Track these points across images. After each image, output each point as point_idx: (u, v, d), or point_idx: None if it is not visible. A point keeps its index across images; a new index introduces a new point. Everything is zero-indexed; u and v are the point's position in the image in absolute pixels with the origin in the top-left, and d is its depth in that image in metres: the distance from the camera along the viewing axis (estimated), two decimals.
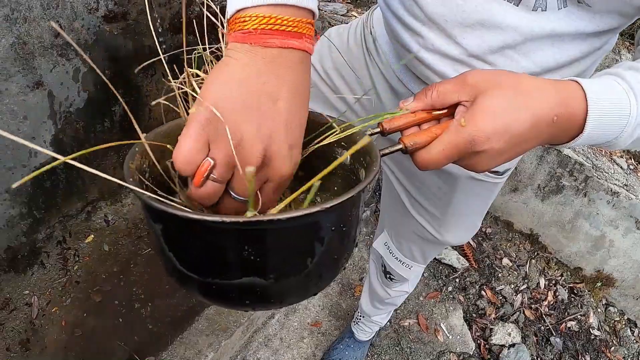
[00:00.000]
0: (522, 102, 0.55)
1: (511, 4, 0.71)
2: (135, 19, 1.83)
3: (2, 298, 1.74)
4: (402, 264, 1.37)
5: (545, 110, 0.55)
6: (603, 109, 0.57)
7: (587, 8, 0.70)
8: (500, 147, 0.55)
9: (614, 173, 2.23)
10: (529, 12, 0.71)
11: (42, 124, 1.68)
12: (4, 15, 1.42)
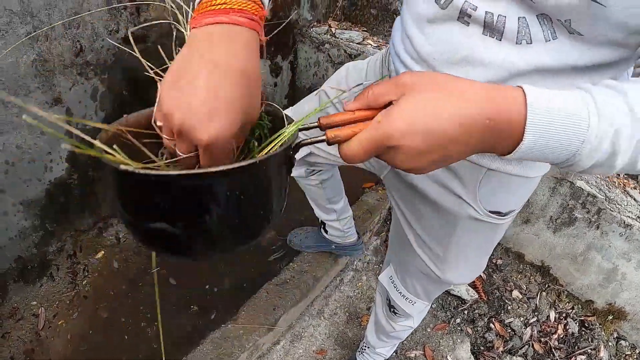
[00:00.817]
0: (448, 102, 0.52)
1: (494, 39, 0.69)
2: (154, 42, 1.84)
3: (10, 307, 1.71)
4: (406, 299, 1.33)
5: (474, 111, 0.52)
6: (549, 118, 0.52)
7: (580, 38, 0.65)
8: (418, 145, 0.53)
9: (627, 205, 2.14)
10: (513, 46, 0.69)
11: (59, 140, 1.68)
12: (26, 32, 1.43)
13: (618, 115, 0.53)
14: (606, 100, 0.54)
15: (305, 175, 1.50)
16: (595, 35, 0.64)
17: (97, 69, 1.70)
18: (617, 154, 0.54)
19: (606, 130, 0.53)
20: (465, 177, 0.92)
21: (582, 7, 0.60)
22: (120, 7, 1.66)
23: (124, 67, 1.78)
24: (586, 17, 0.61)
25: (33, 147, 1.61)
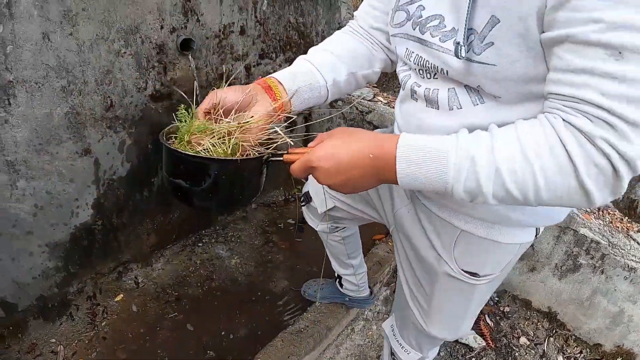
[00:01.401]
0: (349, 142, 0.79)
1: (434, 109, 0.86)
2: (178, 99, 1.92)
3: (29, 342, 1.71)
4: (402, 347, 1.39)
5: (363, 148, 0.77)
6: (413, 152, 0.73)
7: (500, 100, 0.77)
8: (329, 167, 0.79)
9: (630, 249, 2.12)
10: (447, 112, 0.84)
11: (87, 187, 1.74)
12: (61, 86, 1.52)
13: (475, 147, 0.69)
14: (467, 137, 0.71)
15: (329, 231, 1.55)
16: (510, 94, 0.76)
17: (125, 123, 1.77)
18: (480, 182, 0.69)
19: (462, 159, 0.69)
20: (443, 235, 1.01)
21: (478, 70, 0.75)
22: (149, 67, 1.75)
23: (150, 122, 1.85)
24: (489, 80, 0.75)
25: (62, 193, 1.66)
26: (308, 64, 1.05)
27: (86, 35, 1.50)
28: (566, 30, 0.62)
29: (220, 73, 2.02)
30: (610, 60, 0.59)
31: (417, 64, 0.87)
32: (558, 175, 0.65)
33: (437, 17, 0.80)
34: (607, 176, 0.63)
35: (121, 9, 1.55)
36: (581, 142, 0.63)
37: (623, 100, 0.59)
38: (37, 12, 1.35)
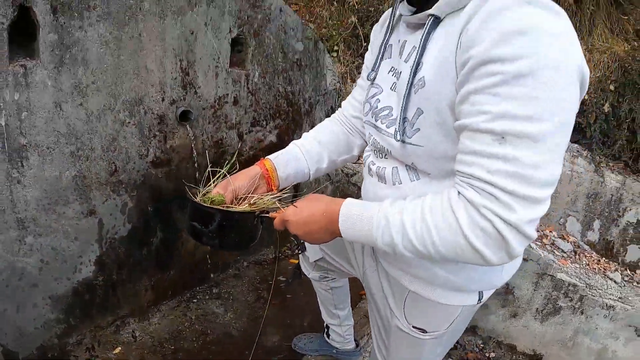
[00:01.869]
0: (311, 205, 1.02)
1: (382, 184, 1.06)
2: (177, 165, 2.04)
3: None
4: None
5: (320, 208, 1.00)
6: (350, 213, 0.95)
7: (430, 176, 0.95)
8: (296, 221, 1.02)
9: (607, 288, 2.16)
10: (392, 186, 1.03)
11: (90, 245, 1.81)
12: (70, 152, 1.64)
13: (390, 211, 0.89)
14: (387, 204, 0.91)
15: (318, 279, 1.67)
16: (437, 170, 0.94)
17: (128, 187, 1.88)
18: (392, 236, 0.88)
19: (381, 219, 0.90)
20: (396, 294, 1.16)
21: (409, 150, 0.94)
22: (150, 135, 1.89)
23: (150, 186, 1.96)
24: (420, 159, 0.94)
25: (66, 250, 1.74)
26: (299, 151, 1.30)
27: (95, 106, 1.65)
28: (465, 121, 0.78)
29: (216, 140, 2.16)
30: (494, 144, 0.75)
31: (373, 145, 1.08)
32: (448, 233, 0.80)
33: (387, 108, 1.01)
34: (494, 239, 0.77)
35: (127, 82, 1.71)
36: (468, 210, 0.78)
37: (504, 176, 0.74)
38: (51, 83, 1.50)
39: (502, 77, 0.73)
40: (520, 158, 0.73)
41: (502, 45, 0.72)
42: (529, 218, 0.75)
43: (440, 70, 0.84)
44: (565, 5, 3.04)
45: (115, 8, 1.57)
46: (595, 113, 2.60)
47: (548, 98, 0.72)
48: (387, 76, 1.05)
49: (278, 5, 2.17)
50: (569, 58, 0.75)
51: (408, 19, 0.98)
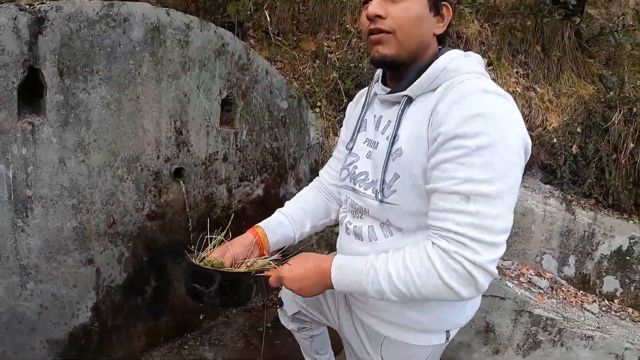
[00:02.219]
0: (304, 262, 1.18)
1: (359, 241, 1.25)
2: (170, 219, 2.20)
3: None
4: None
5: (312, 265, 1.17)
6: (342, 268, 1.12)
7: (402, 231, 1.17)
8: (291, 278, 1.17)
9: (585, 320, 2.26)
10: (368, 243, 1.22)
11: (88, 292, 1.94)
12: (72, 204, 1.81)
13: (377, 263, 1.08)
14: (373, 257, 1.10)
15: (297, 330, 1.80)
16: (409, 225, 1.14)
17: (125, 239, 2.03)
18: (380, 284, 1.06)
19: (369, 270, 1.08)
20: (372, 340, 1.33)
21: (386, 208, 1.13)
22: (146, 191, 2.06)
23: (145, 238, 2.11)
24: (395, 215, 1.14)
25: (65, 297, 1.87)
26: (285, 219, 1.48)
27: (96, 162, 1.84)
28: (437, 184, 1.00)
29: (206, 195, 2.33)
30: (462, 202, 0.96)
31: (351, 206, 1.28)
32: (427, 277, 1.00)
33: (363, 173, 1.23)
34: (464, 277, 0.97)
35: (126, 141, 1.91)
36: (442, 256, 0.98)
37: (470, 227, 0.96)
38: (56, 140, 1.70)
39: (466, 150, 0.95)
40: (482, 213, 0.95)
41: (465, 125, 0.96)
42: (491, 259, 0.96)
43: (415, 143, 1.07)
44: (534, 53, 3.32)
45: (116, 72, 1.79)
46: (564, 155, 2.81)
47: (501, 165, 0.95)
48: (363, 146, 1.27)
49: (264, 68, 2.42)
50: (515, 133, 0.99)
51: (383, 97, 1.21)
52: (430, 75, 1.09)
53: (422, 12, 1.11)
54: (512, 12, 3.42)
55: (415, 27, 1.11)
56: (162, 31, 1.90)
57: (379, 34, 1.11)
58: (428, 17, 1.13)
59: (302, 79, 2.89)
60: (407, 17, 1.09)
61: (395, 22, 1.09)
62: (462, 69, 1.09)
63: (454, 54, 1.13)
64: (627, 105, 2.86)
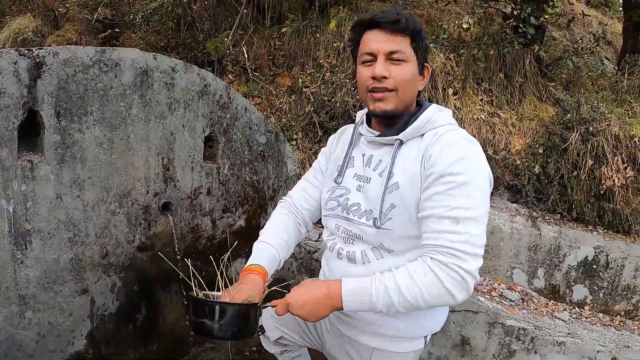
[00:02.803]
0: (309, 288, 1.35)
1: (353, 264, 1.46)
2: (159, 250, 2.37)
3: None
4: None
5: (320, 291, 1.33)
6: (353, 289, 1.31)
7: (394, 253, 1.41)
8: (300, 304, 1.33)
9: (556, 327, 2.47)
10: (362, 265, 1.45)
11: (82, 321, 2.09)
12: (68, 237, 1.97)
13: (385, 280, 1.28)
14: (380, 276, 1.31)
15: (280, 354, 1.97)
16: (399, 247, 1.39)
17: (117, 269, 2.19)
18: (391, 297, 1.27)
19: (379, 287, 1.28)
20: (361, 353, 1.54)
21: (382, 233, 1.37)
22: (136, 224, 2.24)
23: (136, 268, 2.27)
24: (389, 239, 1.39)
25: (61, 325, 2.01)
26: (276, 252, 1.63)
27: (90, 198, 2.01)
28: (431, 211, 1.28)
29: (192, 227, 2.51)
30: (452, 225, 1.24)
31: (344, 232, 1.50)
32: (432, 286, 1.25)
33: (356, 204, 1.46)
34: (460, 283, 1.23)
35: (117, 177, 2.09)
36: (441, 267, 1.24)
37: (460, 243, 1.23)
38: (54, 177, 1.87)
39: (454, 184, 1.25)
40: (469, 232, 1.24)
41: (452, 166, 1.26)
42: (476, 266, 1.24)
43: (410, 179, 1.35)
44: (497, 80, 3.63)
45: (108, 114, 1.99)
46: (527, 175, 3.08)
47: (478, 195, 1.26)
48: (352, 180, 1.51)
49: (244, 105, 2.65)
50: (484, 170, 1.31)
51: (372, 139, 1.48)
52: (419, 124, 1.38)
53: (415, 73, 1.39)
54: (476, 42, 3.74)
55: (410, 86, 1.39)
56: (150, 75, 2.13)
57: (382, 92, 1.37)
58: (417, 77, 1.42)
59: (279, 113, 3.13)
60: (406, 78, 1.37)
61: (396, 82, 1.36)
62: (440, 120, 1.39)
63: (434, 108, 1.42)
64: (583, 125, 3.16)
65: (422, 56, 1.41)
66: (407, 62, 1.36)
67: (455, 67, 3.50)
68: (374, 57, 1.37)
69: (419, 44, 1.38)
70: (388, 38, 1.35)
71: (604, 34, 5.76)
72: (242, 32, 4.16)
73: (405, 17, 1.34)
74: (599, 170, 3.09)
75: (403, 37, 1.35)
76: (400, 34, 1.34)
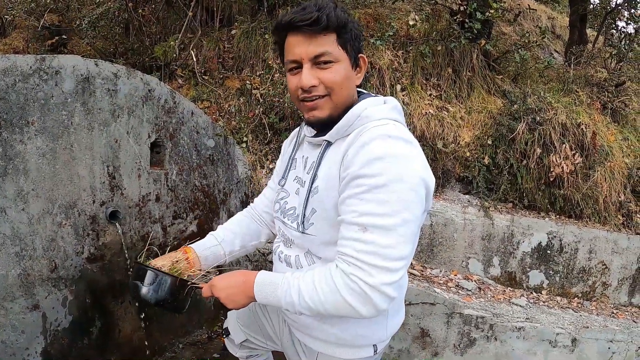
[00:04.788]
0: (232, 275, 1.45)
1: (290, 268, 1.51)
2: (109, 260, 2.45)
3: None
4: None
5: (240, 278, 1.43)
6: (262, 281, 1.38)
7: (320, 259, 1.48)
8: (221, 285, 1.43)
9: (514, 313, 2.68)
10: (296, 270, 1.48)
11: (36, 337, 2.15)
12: (15, 252, 2.04)
13: (291, 279, 1.33)
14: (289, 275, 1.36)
15: (245, 357, 2.05)
16: (327, 256, 1.39)
17: (67, 282, 2.26)
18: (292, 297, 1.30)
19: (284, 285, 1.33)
20: (308, 355, 1.63)
21: (307, 239, 1.42)
22: (84, 234, 2.33)
23: (87, 281, 2.35)
24: (314, 245, 1.43)
25: (15, 343, 2.07)
26: (214, 239, 1.77)
27: (35, 210, 2.09)
28: (342, 217, 1.26)
29: (142, 235, 2.60)
30: (359, 232, 1.21)
31: (282, 236, 1.56)
32: (330, 294, 1.25)
33: (292, 208, 1.50)
34: (361, 296, 1.20)
35: (62, 188, 2.18)
36: (342, 276, 1.23)
37: (365, 253, 1.20)
38: None
39: (366, 187, 1.20)
40: (376, 241, 1.19)
41: (366, 167, 1.20)
42: (384, 282, 1.19)
43: (329, 182, 1.33)
44: (446, 75, 3.85)
45: (50, 123, 2.08)
46: (477, 166, 3.30)
47: (396, 201, 1.19)
48: (293, 183, 1.53)
49: (190, 109, 2.77)
50: (412, 173, 1.22)
51: (309, 140, 1.48)
52: (345, 122, 1.34)
53: (347, 71, 1.35)
54: (424, 39, 3.97)
55: (345, 87, 1.35)
56: (92, 82, 2.23)
57: (314, 100, 1.34)
58: (351, 73, 1.37)
59: (228, 116, 3.25)
60: (337, 80, 1.32)
61: (327, 87, 1.32)
62: (374, 115, 1.32)
63: (368, 102, 1.37)
64: (530, 115, 3.41)
65: (353, 49, 1.35)
66: (336, 62, 1.32)
67: (404, 64, 3.70)
68: (299, 64, 1.33)
69: (348, 37, 1.33)
70: (310, 41, 1.29)
71: (552, 27, 6.14)
72: (190, 36, 4.26)
73: (326, 12, 1.27)
74: (547, 158, 3.33)
75: (327, 36, 1.30)
76: (323, 33, 1.29)
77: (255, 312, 1.85)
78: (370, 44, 3.68)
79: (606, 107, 4.10)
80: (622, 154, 3.74)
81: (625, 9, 4.90)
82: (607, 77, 4.37)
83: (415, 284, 2.76)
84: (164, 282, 1.51)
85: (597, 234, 3.40)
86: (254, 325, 1.88)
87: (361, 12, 4.27)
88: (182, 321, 2.92)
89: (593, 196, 3.52)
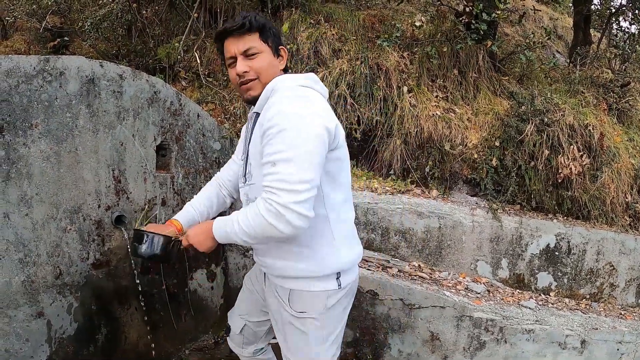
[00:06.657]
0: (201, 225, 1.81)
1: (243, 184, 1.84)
2: (115, 265, 2.39)
3: None
4: None
5: (207, 224, 1.73)
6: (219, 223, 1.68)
7: None
8: (192, 233, 1.78)
9: (523, 315, 2.60)
10: None
11: (40, 346, 2.08)
12: (19, 258, 1.98)
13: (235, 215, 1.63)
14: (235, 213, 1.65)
15: (252, 354, 2.11)
16: None
17: (72, 289, 2.19)
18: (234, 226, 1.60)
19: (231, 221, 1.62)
20: (282, 295, 1.76)
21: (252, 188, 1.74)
22: (90, 240, 2.26)
23: (92, 287, 2.28)
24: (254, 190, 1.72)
25: (19, 352, 2.00)
26: (194, 212, 2.01)
27: (39, 215, 2.02)
28: (261, 161, 1.57)
29: None
30: (271, 167, 1.51)
31: (245, 196, 1.82)
32: (256, 217, 1.52)
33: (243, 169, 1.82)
34: (276, 214, 1.47)
35: (67, 192, 2.11)
36: (262, 202, 1.51)
37: (275, 181, 1.49)
38: (0, 197, 1.89)
39: (272, 134, 1.52)
40: (281, 171, 1.48)
41: (271, 120, 1.54)
42: (292, 200, 1.46)
43: (256, 139, 1.66)
44: (452, 77, 3.78)
45: (54, 126, 2.01)
46: (485, 168, 3.23)
47: (295, 137, 1.49)
48: None
49: (196, 112, 2.70)
50: (310, 117, 1.54)
51: (249, 115, 1.81)
52: (264, 95, 1.69)
53: (270, 59, 1.74)
54: (430, 40, 3.89)
55: (269, 71, 1.73)
56: (97, 83, 2.16)
57: (248, 83, 1.72)
58: (274, 60, 1.76)
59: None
60: (263, 65, 1.71)
61: (256, 71, 1.71)
62: (283, 86, 1.65)
63: (280, 78, 1.70)
64: (538, 116, 3.34)
65: (274, 43, 1.76)
66: (260, 53, 1.71)
67: (410, 65, 3.63)
68: (235, 58, 1.73)
69: (268, 35, 1.73)
70: (239, 40, 1.71)
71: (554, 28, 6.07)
72: (194, 37, 4.20)
73: (249, 19, 1.69)
74: (555, 159, 3.26)
75: (251, 35, 1.70)
76: (248, 33, 1.70)
77: (246, 290, 2.13)
78: (376, 46, 3.61)
79: (612, 108, 4.02)
80: (628, 154, 3.67)
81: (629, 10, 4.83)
82: (612, 78, 4.29)
83: (425, 287, 2.69)
84: (156, 241, 1.79)
85: (605, 235, 3.32)
86: (249, 306, 2.08)
87: (365, 13, 4.20)
88: (189, 327, 2.85)
89: (600, 197, 3.45)
